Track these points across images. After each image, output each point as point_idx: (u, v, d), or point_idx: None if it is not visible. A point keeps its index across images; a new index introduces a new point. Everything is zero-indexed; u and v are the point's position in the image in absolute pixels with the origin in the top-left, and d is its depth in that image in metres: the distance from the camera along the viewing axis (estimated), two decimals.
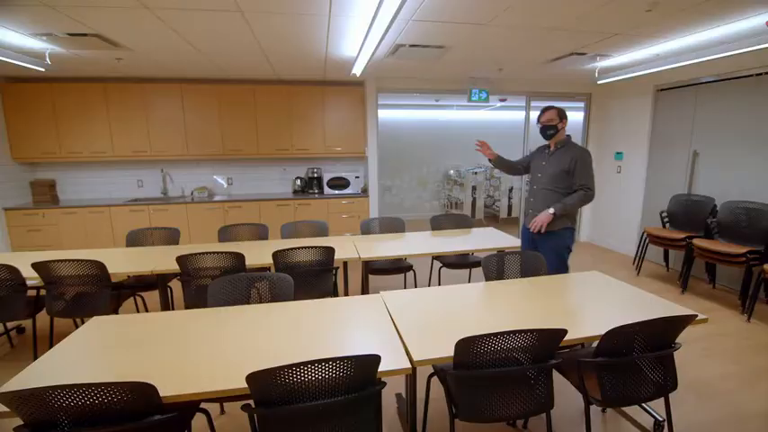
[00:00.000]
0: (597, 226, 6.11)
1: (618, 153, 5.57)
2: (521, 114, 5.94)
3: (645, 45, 3.61)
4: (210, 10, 2.62)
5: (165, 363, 1.51)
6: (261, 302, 2.18)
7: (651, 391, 1.68)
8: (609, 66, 4.41)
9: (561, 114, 2.83)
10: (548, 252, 2.81)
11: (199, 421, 1.65)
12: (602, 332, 1.54)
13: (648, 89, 4.98)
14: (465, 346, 1.39)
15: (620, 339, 1.56)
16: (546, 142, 2.98)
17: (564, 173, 2.80)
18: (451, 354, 1.45)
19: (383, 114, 5.45)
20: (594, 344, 1.62)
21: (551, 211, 2.76)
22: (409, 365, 1.43)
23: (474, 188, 7.24)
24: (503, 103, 7.11)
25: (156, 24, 2.87)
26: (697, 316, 1.65)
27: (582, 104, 6.01)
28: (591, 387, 1.64)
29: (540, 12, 2.73)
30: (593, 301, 2.06)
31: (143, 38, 3.22)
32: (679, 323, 1.62)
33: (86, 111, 4.76)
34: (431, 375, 1.77)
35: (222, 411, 2.25)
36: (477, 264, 3.66)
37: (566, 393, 2.17)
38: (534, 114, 5.85)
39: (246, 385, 1.26)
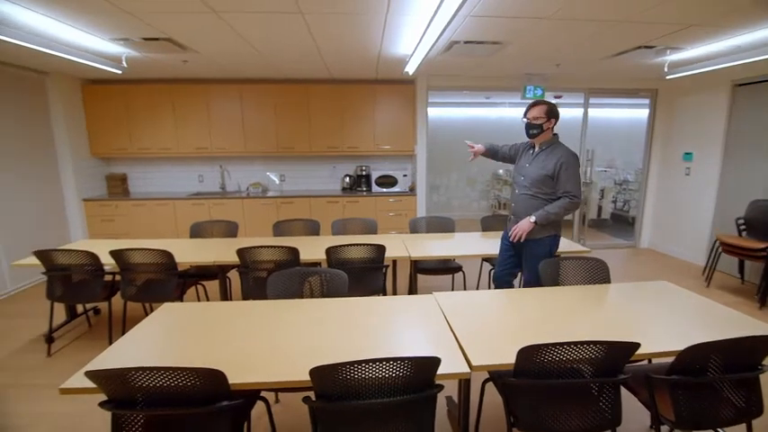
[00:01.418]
0: (660, 231, 5.70)
1: (687, 154, 5.16)
2: (577, 112, 5.66)
3: (724, 36, 3.30)
4: (273, 12, 2.71)
5: (229, 350, 1.59)
6: (312, 297, 2.24)
7: (731, 414, 1.54)
8: (680, 59, 4.08)
9: (550, 112, 2.53)
10: (529, 260, 2.64)
11: (256, 408, 1.72)
12: (675, 347, 1.43)
13: (724, 84, 4.56)
14: (528, 354, 1.35)
15: (697, 357, 1.44)
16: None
17: (547, 177, 2.53)
18: (510, 360, 1.41)
19: (432, 112, 5.40)
20: (663, 359, 1.51)
21: (532, 219, 2.54)
22: (467, 370, 1.41)
23: None
24: (558, 101, 6.81)
25: (221, 27, 3.02)
26: None
27: (647, 101, 5.62)
28: (662, 406, 1.53)
29: (606, 3, 2.57)
30: (663, 314, 1.92)
31: (208, 40, 3.40)
32: None
33: (155, 110, 5.11)
34: (486, 381, 1.73)
35: (277, 400, 2.34)
36: None
37: (627, 409, 2.04)
38: (593, 112, 5.58)
39: (306, 378, 1.29)
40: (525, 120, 2.59)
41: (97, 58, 3.75)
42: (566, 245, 3.25)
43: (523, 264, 2.72)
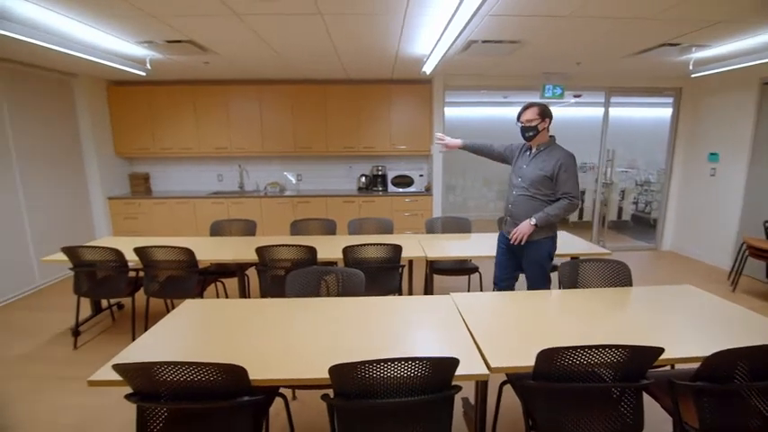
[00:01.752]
0: (683, 234, 5.55)
1: (712, 154, 5.01)
2: (597, 111, 5.55)
3: (753, 33, 3.20)
4: (293, 14, 2.75)
5: (249, 347, 1.62)
6: (329, 296, 2.26)
7: (759, 424, 1.49)
8: (706, 57, 3.97)
9: (543, 113, 2.51)
10: (528, 263, 2.64)
11: (273, 404, 1.75)
12: (700, 353, 1.40)
13: (753, 82, 4.41)
14: (548, 356, 1.33)
15: (723, 363, 1.41)
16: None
17: (546, 178, 2.52)
18: (529, 363, 1.40)
19: (449, 112, 5.38)
20: (687, 365, 1.47)
21: (533, 222, 2.51)
22: (486, 371, 1.40)
23: None
24: (577, 100, 6.69)
25: (242, 29, 3.07)
26: None
27: (670, 100, 5.48)
28: (686, 413, 1.49)
29: (628, 1, 2.52)
30: (687, 318, 1.87)
31: (229, 42, 3.46)
32: None
33: (176, 111, 5.23)
34: (503, 383, 1.72)
35: (294, 397, 2.37)
36: None
37: (649, 415, 2.00)
38: (614, 111, 5.47)
39: (324, 375, 1.30)
40: (519, 123, 2.58)
41: (123, 61, 3.86)
42: (585, 247, 3.20)
43: (524, 267, 2.70)
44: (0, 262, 3.86)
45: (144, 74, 4.25)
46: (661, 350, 1.35)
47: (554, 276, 3.30)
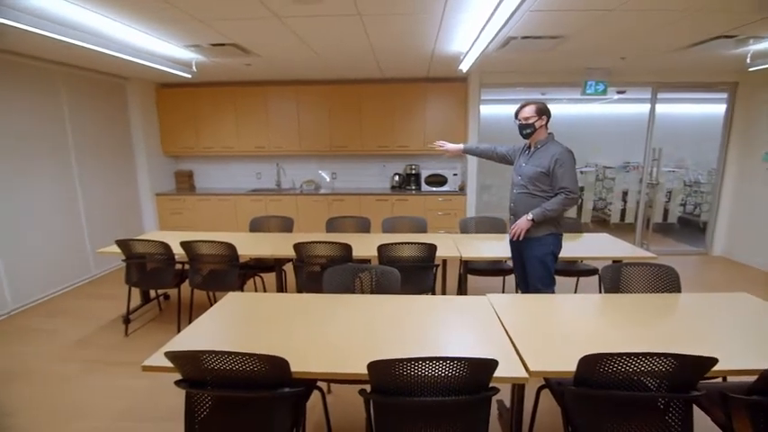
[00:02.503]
0: (736, 238, 5.21)
1: None
2: (641, 108, 5.29)
3: None
4: (332, 15, 2.79)
5: (288, 339, 1.68)
6: (363, 293, 2.29)
7: None
8: (765, 49, 3.70)
9: (541, 111, 2.55)
10: (531, 260, 2.62)
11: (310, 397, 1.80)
12: (757, 365, 1.32)
13: None
14: (591, 362, 1.30)
15: None
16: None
17: (543, 174, 2.53)
18: (570, 368, 1.37)
19: (484, 110, 5.29)
20: (741, 378, 1.39)
21: (530, 217, 2.53)
22: (524, 374, 1.38)
23: (582, 189, 6.66)
24: (621, 96, 6.41)
25: (282, 31, 3.15)
26: None
27: (724, 95, 5.14)
28: (740, 428, 1.41)
29: None
30: (741, 328, 1.77)
31: (270, 44, 3.56)
32: None
33: (218, 111, 5.45)
34: (541, 387, 1.69)
35: (329, 391, 2.42)
36: (586, 272, 3.39)
37: (697, 429, 1.90)
38: (661, 108, 5.20)
39: (361, 371, 1.32)
40: (518, 121, 2.61)
41: (171, 64, 4.06)
42: (628, 250, 3.08)
43: (526, 264, 2.69)
44: (60, 253, 4.17)
45: (190, 76, 4.45)
46: (714, 360, 1.28)
47: (593, 280, 3.20)
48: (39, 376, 2.66)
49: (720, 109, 5.22)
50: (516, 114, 2.62)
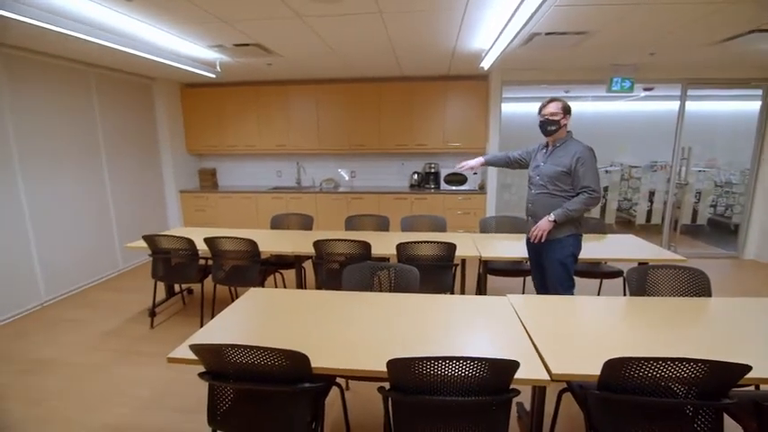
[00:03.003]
0: None
1: None
2: (670, 105, 5.11)
3: None
4: (353, 14, 2.80)
5: (308, 335, 1.70)
6: (381, 291, 2.29)
7: None
8: None
9: (566, 109, 2.48)
10: (551, 262, 2.54)
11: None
12: None
13: None
14: (616, 366, 1.27)
15: None
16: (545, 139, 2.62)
17: (563, 174, 2.47)
18: (594, 372, 1.34)
19: (506, 108, 5.21)
20: None
21: (551, 218, 2.46)
22: (546, 377, 1.36)
23: (606, 189, 6.48)
24: (648, 93, 6.21)
25: (304, 31, 3.18)
26: None
27: (759, 92, 4.92)
28: None
29: None
30: None
31: (291, 44, 3.60)
32: None
33: (241, 110, 5.55)
34: (563, 391, 1.66)
35: (347, 387, 2.44)
36: (610, 274, 3.31)
37: None
38: (691, 105, 5.01)
39: (380, 368, 1.33)
40: (542, 117, 2.53)
41: (196, 64, 4.15)
42: (654, 252, 2.99)
43: (546, 266, 2.62)
44: (91, 247, 4.33)
45: (214, 76, 4.55)
46: (747, 368, 1.23)
47: (616, 283, 3.12)
48: (69, 365, 2.78)
49: (754, 106, 5.00)
50: (540, 110, 2.54)
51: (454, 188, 5.38)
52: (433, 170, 5.54)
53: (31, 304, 3.67)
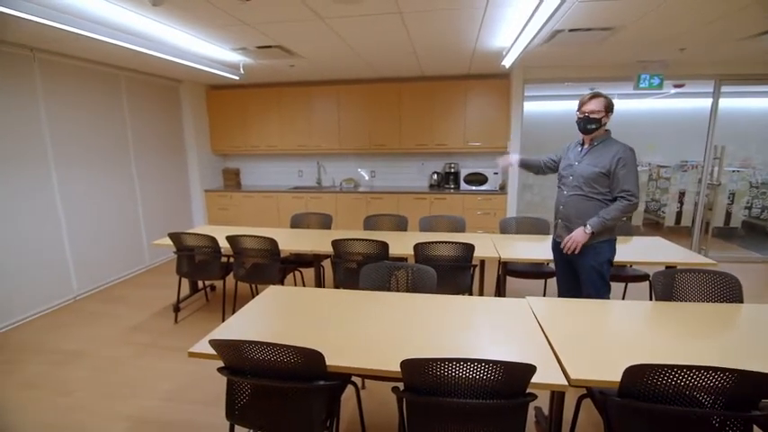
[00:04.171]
0: None
1: None
2: (702, 102, 4.90)
3: None
4: (373, 14, 2.81)
5: (325, 333, 1.72)
6: (399, 291, 2.29)
7: None
8: None
9: (609, 107, 2.30)
10: (585, 269, 2.39)
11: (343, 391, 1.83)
12: None
13: None
14: (638, 373, 1.23)
15: None
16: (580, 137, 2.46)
17: (601, 175, 2.29)
18: (614, 378, 1.30)
19: (527, 106, 5.12)
20: None
21: (588, 230, 2.30)
22: (564, 382, 1.33)
23: None
24: (678, 90, 5.98)
25: (325, 32, 3.21)
26: None
27: None
28: None
29: None
30: None
31: (313, 45, 3.64)
32: None
33: (264, 111, 5.65)
34: (582, 397, 1.62)
35: (363, 386, 2.45)
36: (636, 278, 3.21)
37: None
38: (724, 102, 4.80)
39: (396, 368, 1.33)
40: (581, 114, 2.34)
41: (221, 67, 4.26)
42: (683, 255, 2.88)
43: (580, 273, 2.47)
44: (120, 243, 4.50)
45: (238, 78, 4.65)
46: None
47: (642, 287, 3.02)
48: (97, 357, 2.89)
49: None
50: (580, 106, 2.36)
51: (474, 188, 5.32)
52: (452, 170, 5.50)
53: (64, 297, 3.85)
